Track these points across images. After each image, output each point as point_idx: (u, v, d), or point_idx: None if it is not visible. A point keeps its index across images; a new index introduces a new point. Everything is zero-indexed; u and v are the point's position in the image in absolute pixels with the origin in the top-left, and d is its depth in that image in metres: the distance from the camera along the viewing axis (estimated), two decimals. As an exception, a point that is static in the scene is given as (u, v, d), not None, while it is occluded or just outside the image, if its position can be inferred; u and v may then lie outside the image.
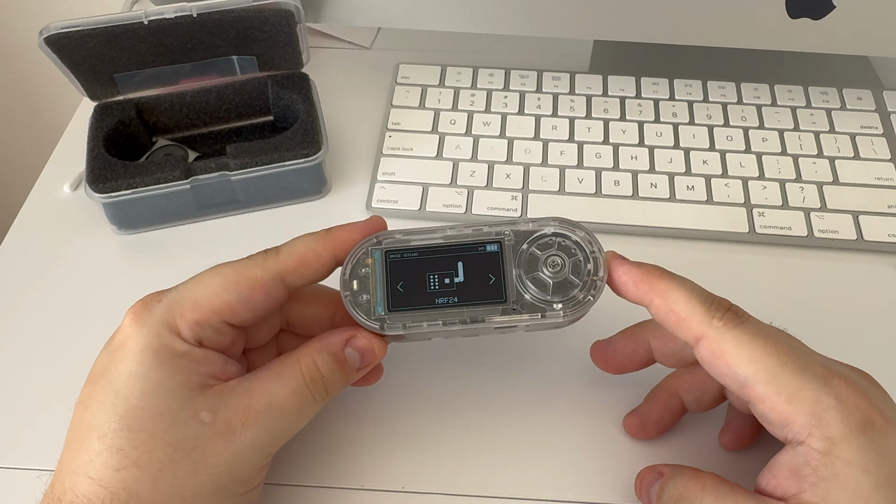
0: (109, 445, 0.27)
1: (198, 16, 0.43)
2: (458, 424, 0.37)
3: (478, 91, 0.52)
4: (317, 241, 0.31)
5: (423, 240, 0.32)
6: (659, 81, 0.53)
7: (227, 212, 0.46)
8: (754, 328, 0.29)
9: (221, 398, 0.29)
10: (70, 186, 0.48)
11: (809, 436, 0.27)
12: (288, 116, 0.49)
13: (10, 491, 0.35)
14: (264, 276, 0.30)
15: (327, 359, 0.31)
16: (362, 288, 0.31)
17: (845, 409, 0.27)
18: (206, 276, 0.31)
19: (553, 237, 0.31)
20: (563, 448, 0.36)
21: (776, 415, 0.28)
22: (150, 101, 0.48)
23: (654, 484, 0.32)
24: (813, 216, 0.45)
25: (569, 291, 0.31)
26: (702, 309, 0.29)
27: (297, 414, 0.30)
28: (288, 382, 0.30)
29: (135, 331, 0.29)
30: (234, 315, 0.30)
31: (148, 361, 0.28)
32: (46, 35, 0.41)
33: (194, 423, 0.28)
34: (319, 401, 0.31)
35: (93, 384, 0.29)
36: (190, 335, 0.30)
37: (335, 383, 0.31)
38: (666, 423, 0.35)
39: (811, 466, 0.27)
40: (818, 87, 0.52)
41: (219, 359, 0.30)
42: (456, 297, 0.31)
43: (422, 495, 0.34)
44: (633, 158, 0.48)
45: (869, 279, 0.43)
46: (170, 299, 0.30)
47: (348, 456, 0.36)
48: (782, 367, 0.27)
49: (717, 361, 0.29)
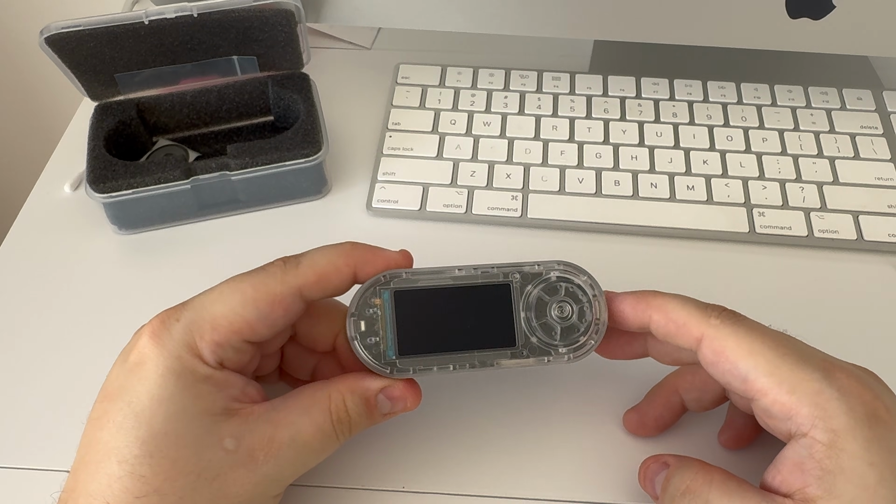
0: (131, 471, 0.27)
1: (198, 16, 0.43)
2: (458, 424, 0.37)
3: (478, 91, 0.52)
4: (339, 255, 0.31)
5: (432, 280, 0.31)
6: (659, 81, 0.53)
7: (228, 212, 0.46)
8: (752, 324, 0.29)
9: (246, 426, 0.28)
10: (70, 186, 0.48)
11: (813, 427, 0.27)
12: (288, 116, 0.49)
13: (9, 491, 0.35)
14: (284, 290, 0.30)
15: (358, 402, 0.30)
16: (370, 329, 0.31)
17: (849, 400, 0.27)
18: (224, 293, 0.30)
19: (558, 281, 0.32)
20: (564, 448, 0.36)
21: (779, 407, 0.27)
22: (150, 101, 0.48)
23: (660, 474, 0.31)
24: (813, 216, 0.45)
25: (573, 336, 0.32)
26: (698, 312, 0.30)
27: (319, 450, 0.30)
28: (315, 419, 0.30)
29: (155, 352, 0.28)
30: (253, 333, 0.30)
31: (171, 385, 0.28)
32: (47, 35, 0.41)
33: (218, 450, 0.28)
34: (341, 439, 0.31)
35: (109, 402, 0.28)
36: (211, 357, 0.29)
37: (360, 425, 0.31)
38: (665, 422, 0.35)
39: (815, 459, 0.26)
40: (818, 87, 0.52)
41: (239, 381, 0.30)
42: (466, 340, 0.31)
43: (422, 495, 0.34)
44: (633, 158, 0.48)
45: (869, 279, 0.43)
46: (188, 319, 0.29)
47: (348, 456, 0.36)
48: (782, 358, 0.28)
49: (718, 359, 0.29)
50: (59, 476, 0.34)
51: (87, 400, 0.29)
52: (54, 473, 0.35)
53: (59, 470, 0.35)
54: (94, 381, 0.30)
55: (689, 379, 0.34)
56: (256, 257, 0.33)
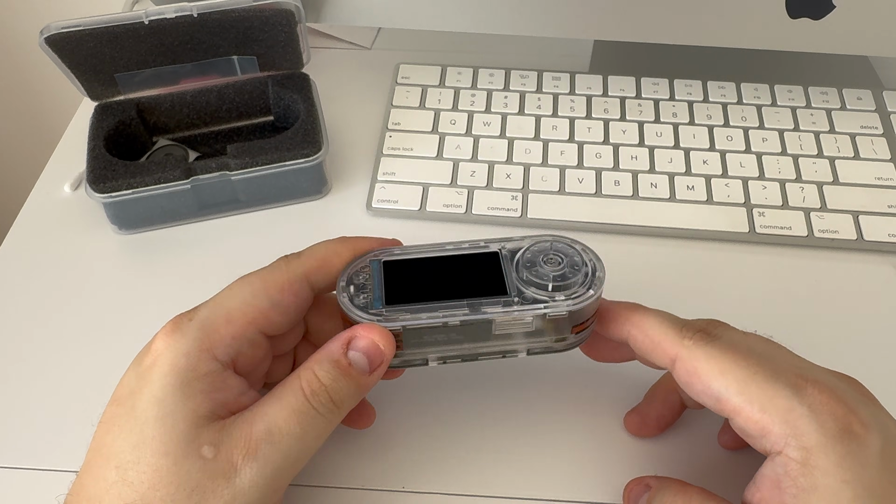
0: (123, 477, 0.26)
1: (198, 16, 0.43)
2: (459, 424, 0.37)
3: (478, 91, 0.52)
4: (337, 243, 0.32)
5: (421, 251, 0.32)
6: (659, 81, 0.53)
7: (228, 212, 0.46)
8: (726, 344, 0.29)
9: (224, 431, 0.27)
10: (70, 186, 0.48)
11: (786, 445, 0.27)
12: (288, 116, 0.49)
13: (9, 491, 0.35)
14: (290, 277, 0.30)
15: (329, 368, 0.29)
16: (359, 292, 0.31)
17: (819, 417, 0.26)
18: (234, 289, 0.30)
19: (547, 242, 0.32)
20: (563, 448, 0.36)
21: (752, 425, 0.28)
22: (150, 101, 0.48)
23: (642, 497, 0.32)
24: (813, 216, 0.45)
25: (571, 288, 0.31)
26: (673, 332, 0.30)
27: (301, 436, 0.28)
28: (287, 402, 0.28)
29: (165, 352, 0.28)
30: (268, 323, 0.30)
31: (169, 385, 0.27)
32: (47, 35, 0.41)
33: (196, 459, 0.27)
34: (328, 416, 0.29)
35: (117, 405, 0.28)
36: (226, 353, 0.29)
37: (343, 393, 0.29)
38: (666, 420, 0.35)
39: (791, 477, 0.26)
40: (818, 87, 0.52)
41: (238, 386, 0.29)
42: (455, 291, 0.30)
43: (422, 495, 0.34)
44: (633, 158, 0.48)
45: (869, 279, 0.43)
46: (202, 316, 0.29)
47: (348, 456, 0.36)
48: (752, 376, 0.28)
49: (691, 380, 0.29)
50: (61, 476, 0.35)
51: (89, 399, 0.29)
52: (55, 474, 0.35)
53: (60, 470, 0.35)
54: (95, 381, 0.30)
55: None
56: (256, 257, 0.33)
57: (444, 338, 0.30)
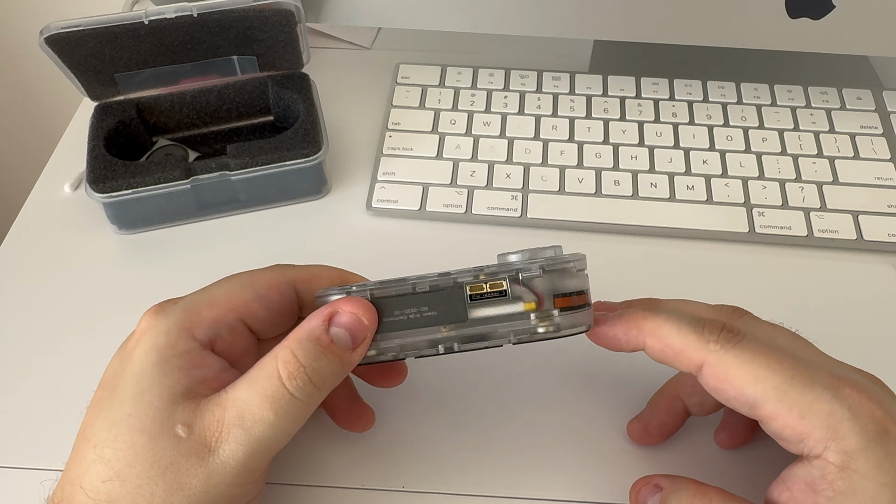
0: (101, 455, 0.27)
1: (198, 16, 0.43)
2: (458, 424, 0.37)
3: (478, 91, 0.52)
4: (332, 268, 0.33)
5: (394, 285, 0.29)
6: (659, 81, 0.53)
7: (228, 212, 0.46)
8: (754, 344, 0.28)
9: (198, 411, 0.27)
10: (70, 186, 0.48)
11: (826, 449, 0.26)
12: (288, 116, 0.49)
13: (8, 491, 0.35)
14: (279, 277, 0.31)
15: (309, 346, 0.27)
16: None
17: (860, 420, 0.26)
18: (222, 280, 0.31)
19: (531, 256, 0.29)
20: (564, 448, 0.36)
21: (790, 431, 0.27)
22: (150, 101, 0.48)
23: (653, 497, 0.31)
24: (813, 216, 0.45)
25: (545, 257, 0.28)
26: (694, 336, 0.28)
27: (274, 422, 0.27)
28: (260, 387, 0.27)
29: (147, 332, 0.29)
30: (249, 312, 0.30)
31: (148, 362, 0.28)
32: (47, 35, 0.41)
33: (171, 437, 0.26)
34: (306, 398, 0.27)
35: (102, 389, 0.29)
36: (204, 333, 0.29)
37: (325, 372, 0.27)
38: (669, 428, 0.35)
39: (828, 481, 0.26)
40: (818, 87, 0.52)
41: (217, 364, 0.29)
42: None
43: (422, 495, 0.34)
44: (633, 158, 0.48)
45: (869, 279, 0.43)
46: (187, 301, 0.30)
47: (348, 456, 0.36)
48: (790, 382, 0.27)
49: (723, 386, 0.28)
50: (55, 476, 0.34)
51: (88, 399, 0.29)
52: (56, 474, 0.35)
53: (60, 470, 0.35)
54: (93, 381, 0.30)
55: (690, 383, 0.34)
56: (256, 257, 0.33)
57: (416, 314, 0.28)
